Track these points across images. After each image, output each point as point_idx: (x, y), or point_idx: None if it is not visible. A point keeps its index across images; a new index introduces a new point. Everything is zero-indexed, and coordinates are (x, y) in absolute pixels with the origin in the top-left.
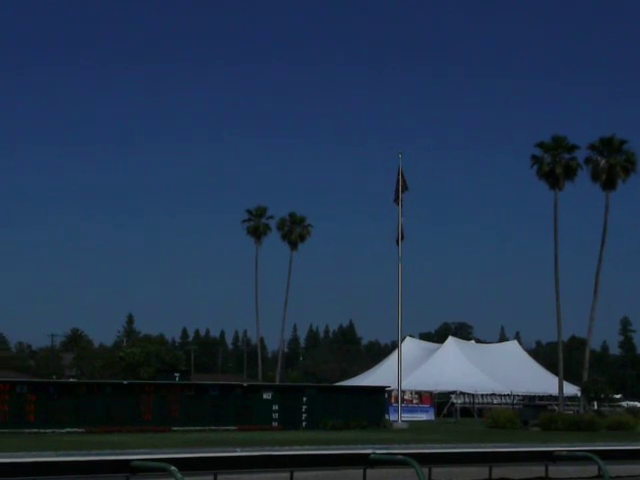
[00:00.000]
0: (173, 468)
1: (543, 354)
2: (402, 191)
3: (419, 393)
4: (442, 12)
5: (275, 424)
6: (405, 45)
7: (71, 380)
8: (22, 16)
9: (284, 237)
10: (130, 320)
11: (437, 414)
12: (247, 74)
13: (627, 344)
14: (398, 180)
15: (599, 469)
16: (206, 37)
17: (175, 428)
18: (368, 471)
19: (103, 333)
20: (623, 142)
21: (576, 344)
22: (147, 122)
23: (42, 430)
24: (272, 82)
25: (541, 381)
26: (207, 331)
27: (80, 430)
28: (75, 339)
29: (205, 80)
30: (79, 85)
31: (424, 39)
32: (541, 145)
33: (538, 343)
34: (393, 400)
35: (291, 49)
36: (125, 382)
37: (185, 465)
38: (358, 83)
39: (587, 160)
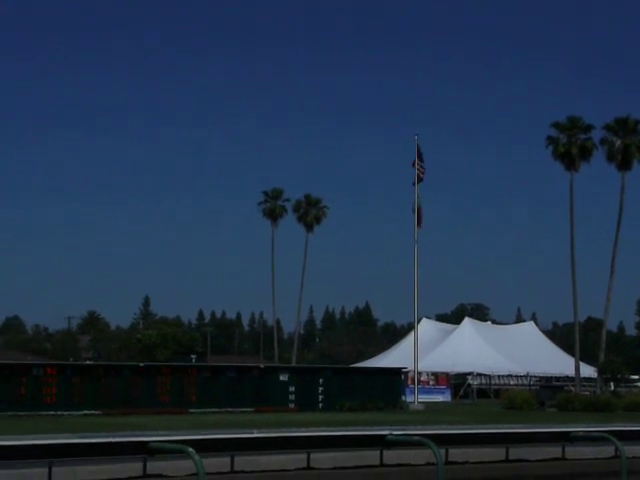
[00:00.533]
0: (190, 450)
1: (560, 335)
2: (419, 174)
3: (435, 374)
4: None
5: (292, 405)
6: (420, 29)
7: (88, 362)
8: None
9: (300, 219)
10: (146, 302)
11: (454, 395)
12: (264, 57)
13: None
14: (414, 162)
15: (616, 450)
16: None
17: (192, 410)
18: (385, 452)
19: (120, 315)
20: (638, 122)
21: (592, 325)
22: (162, 107)
23: (59, 412)
24: (290, 65)
25: (558, 362)
26: (223, 313)
27: (97, 412)
28: (92, 321)
29: (219, 64)
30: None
31: (437, 23)
32: (556, 125)
33: (555, 324)
34: (409, 382)
35: (308, 32)
36: (142, 364)
37: (202, 447)
38: (375, 66)
39: (602, 141)
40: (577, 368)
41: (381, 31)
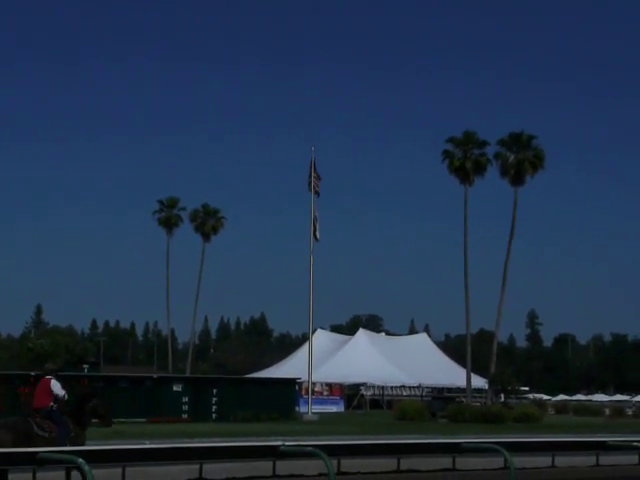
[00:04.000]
0: (80, 460)
1: (452, 346)
2: (315, 186)
3: (329, 385)
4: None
5: (185, 416)
6: (315, 37)
7: None
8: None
9: (197, 229)
10: (39, 311)
11: (347, 406)
12: (163, 70)
13: (534, 337)
14: (310, 174)
15: (505, 460)
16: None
17: None
18: (278, 463)
19: (10, 324)
20: (532, 138)
21: (484, 337)
22: (58, 116)
23: None
24: (187, 70)
25: (450, 373)
26: (117, 322)
27: None
28: None
29: (122, 73)
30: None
31: (335, 31)
32: (452, 140)
33: (447, 336)
34: (303, 392)
35: (206, 43)
36: (33, 374)
37: (93, 457)
38: (269, 76)
39: (496, 155)
40: (468, 379)
41: (272, 39)
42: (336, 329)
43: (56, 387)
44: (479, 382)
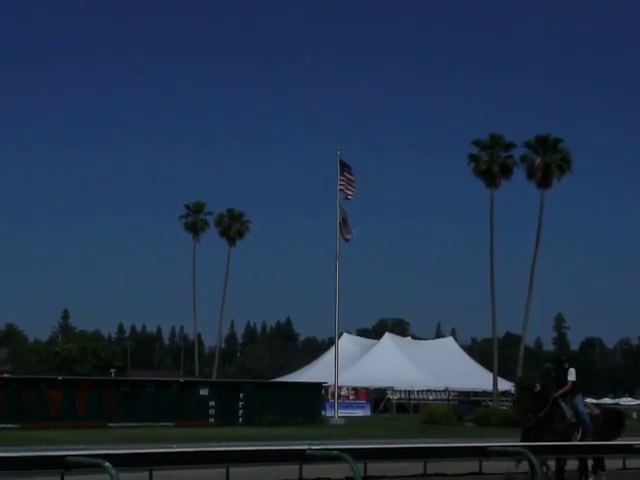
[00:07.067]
0: (107, 464)
1: (478, 350)
2: (346, 189)
3: (355, 389)
4: (373, 12)
5: (212, 420)
6: (340, 43)
7: (5, 376)
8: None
9: (222, 233)
10: (66, 315)
11: (373, 410)
12: (183, 73)
13: (560, 340)
14: (338, 177)
15: (531, 464)
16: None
17: (111, 424)
18: (304, 467)
19: (38, 329)
20: (559, 140)
21: (511, 340)
22: (82, 118)
23: None
24: (208, 75)
25: (476, 377)
26: (144, 327)
27: (15, 426)
28: (9, 334)
29: (149, 77)
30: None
31: (358, 35)
32: (478, 143)
33: (473, 340)
34: (330, 396)
35: (231, 46)
36: (60, 378)
37: (120, 461)
38: (295, 80)
39: (523, 158)
40: (495, 383)
41: (300, 46)
42: (362, 333)
43: None
44: (506, 386)
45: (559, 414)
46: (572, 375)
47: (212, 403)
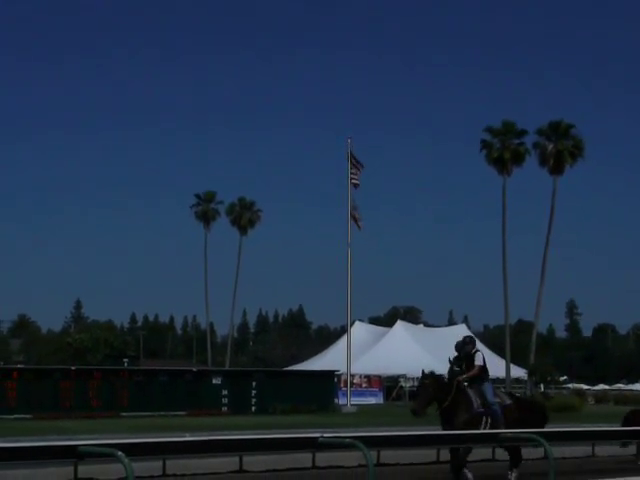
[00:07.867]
0: (120, 453)
1: (491, 337)
2: (352, 178)
3: (368, 377)
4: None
5: (224, 409)
6: (352, 29)
7: (19, 366)
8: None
9: (233, 222)
10: (78, 305)
11: (386, 398)
12: (193, 63)
13: (573, 327)
14: (348, 166)
15: (545, 450)
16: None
17: (124, 414)
18: (317, 454)
19: (51, 319)
20: (571, 127)
21: (523, 327)
22: (89, 109)
23: None
24: (220, 63)
25: (489, 364)
26: (156, 316)
27: (28, 416)
28: (22, 325)
29: (158, 67)
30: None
31: (367, 22)
32: (490, 130)
33: (486, 327)
34: (342, 384)
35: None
36: (73, 368)
37: (133, 450)
38: (307, 68)
39: (535, 145)
40: (507, 370)
41: (310, 31)
42: (374, 321)
43: None
44: (518, 372)
45: (465, 403)
46: (479, 359)
47: (225, 392)
